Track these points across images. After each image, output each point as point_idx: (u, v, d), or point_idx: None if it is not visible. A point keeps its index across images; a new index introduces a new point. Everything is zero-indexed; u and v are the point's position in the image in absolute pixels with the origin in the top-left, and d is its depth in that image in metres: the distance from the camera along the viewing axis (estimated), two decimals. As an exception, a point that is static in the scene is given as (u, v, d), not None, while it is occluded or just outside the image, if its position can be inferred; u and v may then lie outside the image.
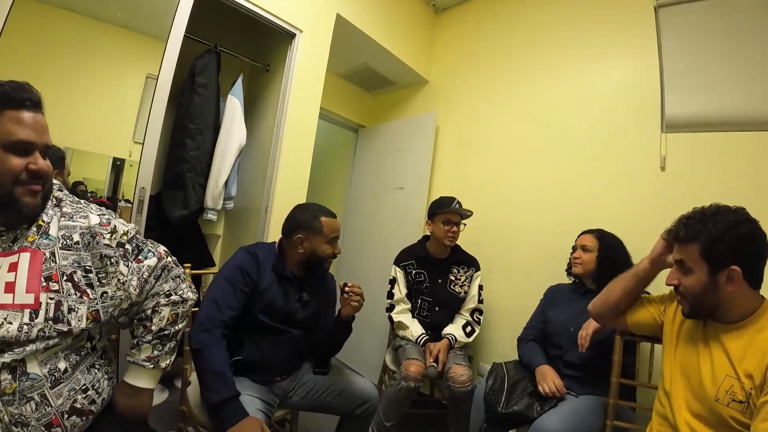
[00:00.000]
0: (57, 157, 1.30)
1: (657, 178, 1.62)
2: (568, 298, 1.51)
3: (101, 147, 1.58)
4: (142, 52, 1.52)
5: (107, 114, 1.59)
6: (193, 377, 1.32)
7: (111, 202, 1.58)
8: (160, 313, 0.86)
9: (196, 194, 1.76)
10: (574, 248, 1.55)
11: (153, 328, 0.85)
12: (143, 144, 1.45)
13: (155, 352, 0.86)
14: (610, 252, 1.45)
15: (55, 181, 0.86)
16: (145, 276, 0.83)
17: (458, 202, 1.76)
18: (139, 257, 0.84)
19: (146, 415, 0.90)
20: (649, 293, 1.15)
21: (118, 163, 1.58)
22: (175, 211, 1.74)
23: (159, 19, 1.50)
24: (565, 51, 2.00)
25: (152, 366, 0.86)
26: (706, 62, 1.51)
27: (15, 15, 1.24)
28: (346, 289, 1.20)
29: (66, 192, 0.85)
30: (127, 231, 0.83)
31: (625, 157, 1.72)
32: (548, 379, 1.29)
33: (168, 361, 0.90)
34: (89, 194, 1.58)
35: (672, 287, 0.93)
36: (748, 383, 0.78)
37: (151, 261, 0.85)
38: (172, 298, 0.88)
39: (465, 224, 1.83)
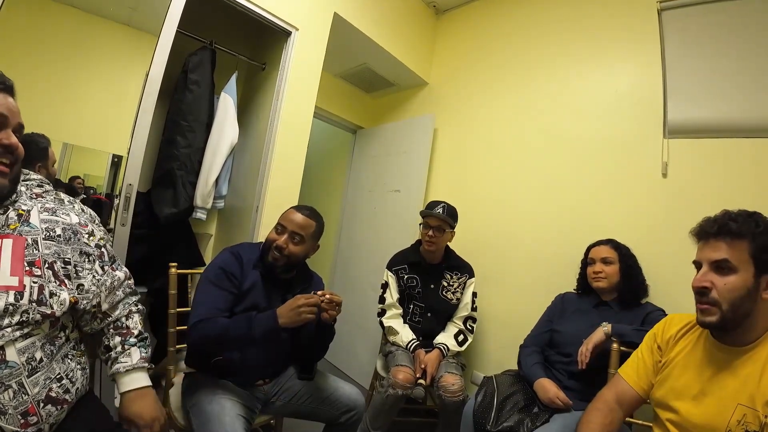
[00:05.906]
0: (40, 147, 1.26)
1: (659, 185, 1.58)
2: (577, 308, 1.46)
3: (101, 143, 1.57)
4: (143, 50, 1.50)
5: (107, 111, 1.58)
6: (176, 379, 1.29)
7: (109, 199, 1.56)
8: (133, 318, 0.92)
9: (186, 192, 1.73)
10: (590, 262, 1.47)
11: (134, 331, 0.90)
12: (132, 139, 1.43)
13: (143, 353, 0.90)
14: (630, 261, 1.41)
15: (35, 176, 0.84)
16: (115, 284, 0.88)
17: (443, 207, 1.70)
18: (113, 266, 0.90)
19: (161, 417, 0.88)
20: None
21: (116, 160, 1.57)
22: (164, 209, 1.71)
23: (159, 16, 1.48)
24: (567, 55, 1.96)
25: (148, 366, 0.89)
26: (710, 67, 1.47)
27: (10, 7, 1.23)
28: (322, 300, 1.07)
29: (47, 189, 0.83)
30: (103, 237, 0.88)
31: (626, 163, 1.68)
32: (550, 393, 1.25)
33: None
34: (90, 190, 1.56)
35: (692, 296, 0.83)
36: (763, 411, 0.71)
37: (121, 273, 0.91)
38: (139, 306, 0.95)
39: (453, 232, 1.77)
